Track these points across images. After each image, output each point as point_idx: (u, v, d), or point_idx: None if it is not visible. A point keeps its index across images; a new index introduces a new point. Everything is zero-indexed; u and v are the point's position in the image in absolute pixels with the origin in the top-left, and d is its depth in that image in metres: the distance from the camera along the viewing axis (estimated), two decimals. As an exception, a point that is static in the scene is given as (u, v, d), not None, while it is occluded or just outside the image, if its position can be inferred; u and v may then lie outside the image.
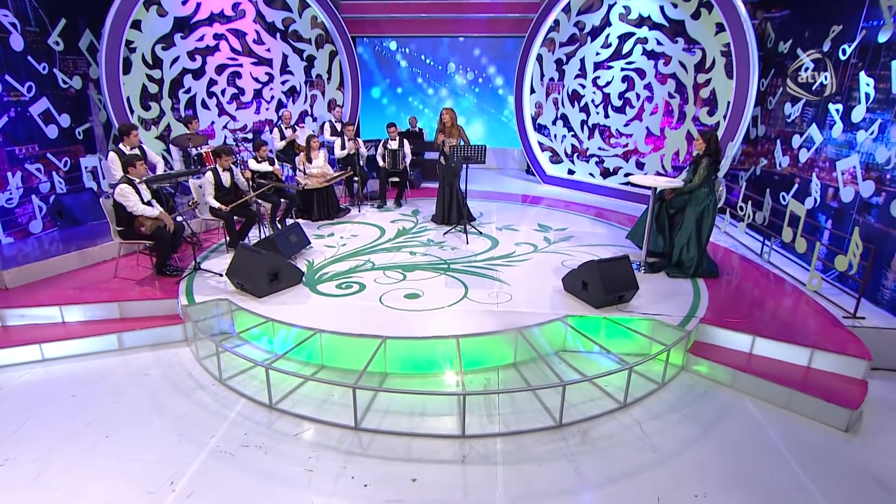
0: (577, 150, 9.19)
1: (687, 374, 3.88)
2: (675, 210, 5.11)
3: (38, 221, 6.04)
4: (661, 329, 3.99)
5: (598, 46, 8.44)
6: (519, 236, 6.22)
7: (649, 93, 8.03)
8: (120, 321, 4.36)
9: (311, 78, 9.59)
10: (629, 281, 4.23)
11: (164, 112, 7.68)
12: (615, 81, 8.35)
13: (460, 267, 5.20)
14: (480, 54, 10.87)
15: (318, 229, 6.64)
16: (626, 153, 8.54)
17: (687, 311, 4.23)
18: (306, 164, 7.12)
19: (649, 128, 8.14)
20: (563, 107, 9.16)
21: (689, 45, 7.47)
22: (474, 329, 3.93)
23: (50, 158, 6.51)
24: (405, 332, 3.89)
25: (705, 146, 4.85)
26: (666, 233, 5.17)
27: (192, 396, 3.59)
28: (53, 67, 6.49)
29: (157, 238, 4.73)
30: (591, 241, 6.04)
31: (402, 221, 6.95)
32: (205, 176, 5.52)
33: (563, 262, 5.26)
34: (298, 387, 3.66)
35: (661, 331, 3.98)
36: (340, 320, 4.09)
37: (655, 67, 7.88)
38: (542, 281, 4.81)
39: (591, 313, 4.14)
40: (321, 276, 5.01)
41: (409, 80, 11.34)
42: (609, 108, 8.52)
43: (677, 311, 4.20)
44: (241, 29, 8.31)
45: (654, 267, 5.10)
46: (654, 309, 4.25)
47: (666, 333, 3.94)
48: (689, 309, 4.26)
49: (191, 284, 4.74)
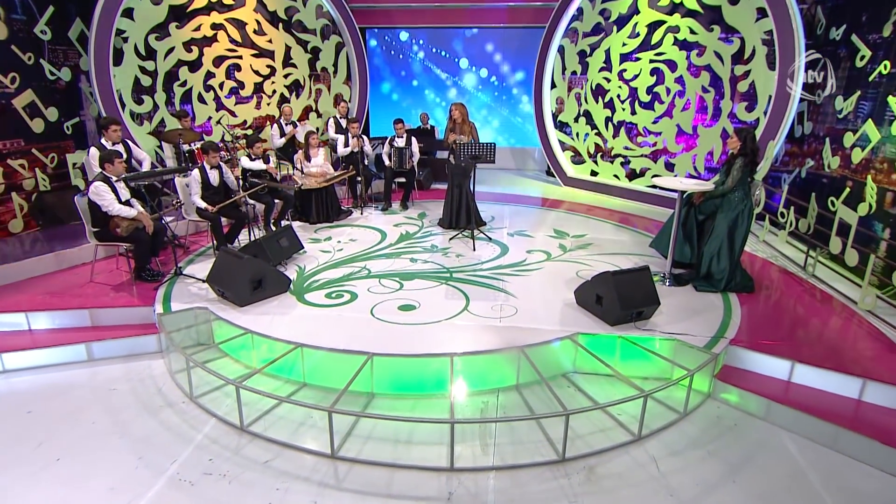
0: (600, 149, 8.94)
1: (713, 403, 3.61)
2: (704, 216, 4.85)
3: (18, 221, 6.04)
4: (684, 351, 3.73)
5: (625, 36, 8.19)
6: (532, 243, 6.01)
7: (681, 87, 7.74)
8: (91, 329, 4.28)
9: (315, 71, 9.54)
10: (649, 295, 3.98)
11: (157, 106, 7.68)
12: (643, 74, 8.09)
13: (463, 276, 5.01)
14: (495, 49, 10.70)
15: (315, 232, 6.53)
16: (654, 153, 8.25)
17: (715, 330, 3.96)
18: (305, 163, 7.03)
19: (680, 125, 7.85)
20: (586, 102, 8.93)
21: (726, 33, 7.17)
22: (472, 346, 3.73)
23: (35, 154, 6.54)
24: (395, 348, 3.71)
25: (740, 145, 4.59)
26: (694, 241, 4.91)
27: (159, 415, 3.47)
28: (40, 58, 6.52)
29: (135, 240, 4.65)
30: (611, 250, 5.79)
31: (407, 225, 6.79)
32: (192, 174, 5.44)
33: (577, 273, 5.03)
34: (274, 407, 3.51)
35: (684, 353, 3.72)
36: (326, 334, 3.94)
37: (688, 59, 7.59)
38: (553, 293, 4.58)
39: (606, 331, 3.90)
40: (311, 283, 4.87)
41: (421, 75, 11.24)
42: (636, 103, 8.25)
43: (704, 331, 3.93)
44: (240, 18, 8.29)
45: (681, 279, 4.83)
46: (677, 327, 3.99)
47: (690, 356, 3.68)
48: (718, 328, 3.99)
49: (170, 291, 4.65)
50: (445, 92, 11.22)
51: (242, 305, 4.33)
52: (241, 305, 4.33)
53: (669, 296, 4.55)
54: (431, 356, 3.62)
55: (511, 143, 11.30)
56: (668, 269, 4.87)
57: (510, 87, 10.95)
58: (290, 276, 5.04)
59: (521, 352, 3.66)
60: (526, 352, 3.65)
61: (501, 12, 10.06)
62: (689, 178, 5.83)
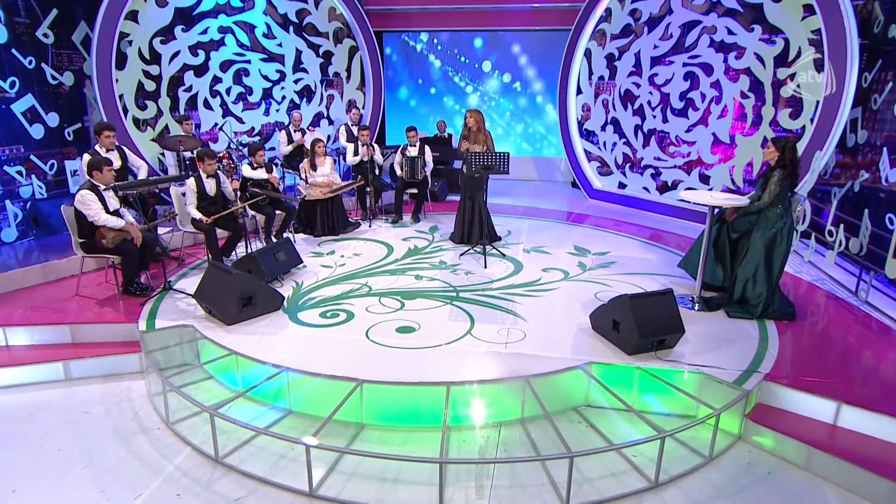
0: (629, 159, 8.73)
1: (744, 446, 3.35)
2: (738, 234, 4.60)
3: (11, 230, 6.13)
4: (711, 386, 3.48)
5: (657, 38, 8.02)
6: (549, 260, 5.83)
7: (717, 92, 7.51)
8: (71, 347, 4.25)
9: (327, 76, 9.59)
10: (672, 321, 3.76)
11: (161, 112, 7.78)
12: (676, 79, 7.89)
13: (470, 295, 4.85)
14: (519, 52, 10.61)
15: (318, 246, 6.47)
16: (687, 164, 8.00)
17: (749, 363, 3.70)
18: (310, 172, 7.00)
19: (716, 134, 7.60)
20: (614, 109, 8.75)
21: (768, 33, 6.92)
22: (472, 374, 3.56)
23: (34, 161, 6.66)
24: (387, 374, 3.56)
25: (778, 155, 4.35)
26: (727, 262, 4.67)
27: (131, 442, 3.38)
28: (42, 62, 6.67)
29: (122, 253, 4.63)
30: (636, 269, 5.56)
31: (416, 239, 6.68)
32: (187, 182, 5.44)
33: (596, 294, 4.82)
34: (253, 437, 3.39)
35: (711, 388, 3.48)
36: (315, 357, 3.82)
37: (725, 61, 7.37)
38: (567, 317, 4.38)
39: (622, 361, 3.69)
40: (306, 301, 4.78)
41: (440, 80, 11.22)
42: (668, 110, 8.04)
43: (736, 363, 3.68)
44: (250, 21, 8.39)
45: (711, 304, 4.59)
46: (704, 358, 3.74)
47: (718, 392, 3.44)
48: (752, 360, 3.73)
49: (157, 307, 4.61)
50: (465, 98, 11.17)
51: (230, 324, 4.26)
52: (229, 324, 4.26)
53: (698, 322, 4.31)
54: (425, 385, 3.46)
55: (535, 153, 11.16)
56: (698, 292, 4.63)
57: (534, 93, 10.83)
58: (286, 292, 4.97)
59: (526, 382, 3.47)
60: (531, 382, 3.46)
61: (525, 14, 9.99)
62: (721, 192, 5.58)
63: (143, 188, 5.09)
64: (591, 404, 3.66)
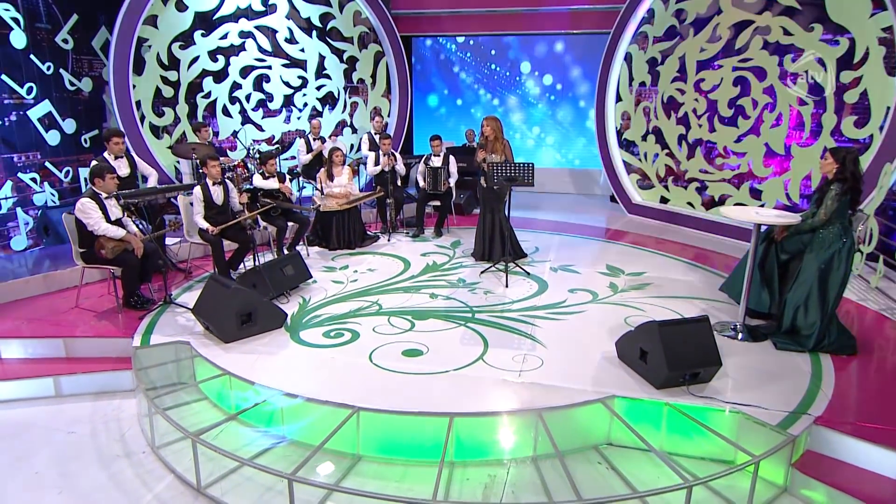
0: (672, 172, 8.44)
1: (790, 500, 3.07)
2: (788, 255, 4.32)
3: (22, 238, 6.31)
4: (752, 428, 3.22)
5: (704, 40, 7.76)
6: (577, 280, 5.62)
7: (771, 98, 7.18)
8: (64, 361, 4.29)
9: (351, 83, 9.65)
10: (707, 352, 3.51)
11: (179, 118, 7.95)
12: (725, 84, 7.60)
13: (487, 317, 4.69)
14: (564, 51, 10.50)
15: (332, 260, 6.43)
16: (737, 177, 7.67)
17: (798, 403, 3.42)
18: (326, 182, 7.00)
19: (770, 144, 7.25)
20: (656, 118, 8.50)
21: (830, 32, 6.59)
22: (480, 404, 3.39)
23: (49, 167, 6.88)
24: (387, 401, 3.43)
25: (837, 167, 4.07)
26: (775, 286, 4.38)
27: (112, 467, 3.34)
28: (61, 68, 6.91)
29: (122, 263, 4.67)
30: (674, 292, 5.30)
31: (436, 255, 6.57)
32: (194, 191, 5.49)
33: (626, 319, 4.59)
34: (239, 466, 3.29)
35: (752, 431, 3.22)
36: (313, 379, 3.74)
37: (780, 65, 7.05)
38: (592, 343, 4.18)
39: (650, 395, 3.46)
40: (311, 319, 4.71)
41: (471, 87, 11.19)
42: (716, 118, 7.74)
43: (782, 403, 3.41)
44: (271, 26, 8.53)
45: (757, 333, 4.31)
46: (745, 396, 3.48)
47: (760, 435, 3.17)
48: (802, 400, 3.44)
49: (156, 321, 4.62)
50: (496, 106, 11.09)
51: (227, 341, 4.22)
52: (226, 341, 4.22)
53: (740, 354, 4.04)
54: (427, 415, 3.31)
55: (571, 164, 10.96)
56: (741, 319, 4.36)
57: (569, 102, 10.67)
58: (292, 308, 4.92)
59: (538, 415, 3.28)
60: (543, 416, 3.27)
61: (562, 17, 9.87)
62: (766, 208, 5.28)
63: (147, 197, 5.16)
64: (614, 443, 3.43)
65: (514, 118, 11.14)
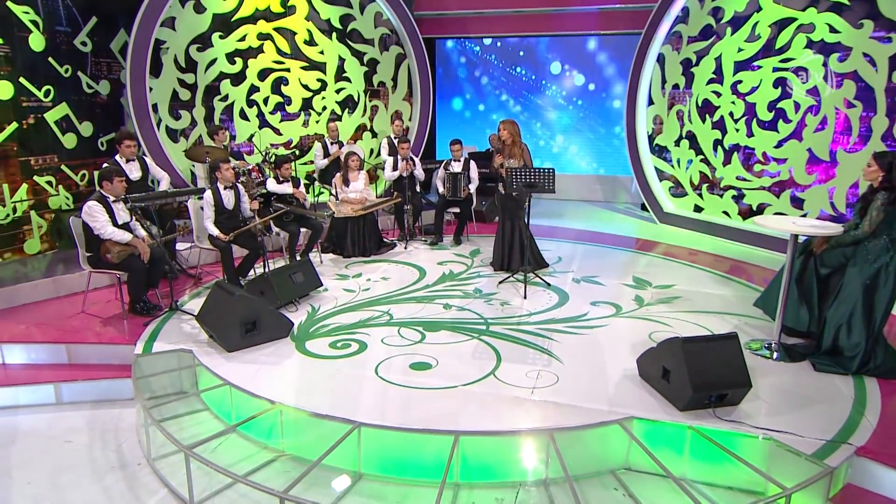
0: (707, 179, 8.24)
1: (826, 537, 2.89)
2: (829, 269, 4.13)
3: (35, 241, 6.44)
4: (784, 457, 3.05)
5: (742, 40, 7.58)
6: (600, 292, 5.49)
7: (815, 100, 6.96)
8: (66, 368, 4.33)
9: (372, 86, 9.69)
10: (736, 372, 3.35)
11: (195, 122, 8.07)
12: (764, 86, 7.40)
13: (502, 330, 4.59)
14: (595, 52, 10.39)
15: (345, 268, 6.42)
16: (777, 185, 7.44)
17: (837, 430, 3.23)
18: (342, 188, 7.00)
19: (813, 150, 7.02)
20: (690, 122, 8.32)
21: (883, 29, 6.36)
22: (488, 422, 3.30)
23: (65, 171, 7.02)
24: (390, 417, 3.37)
25: (883, 175, 3.88)
26: (814, 302, 4.19)
27: (105, 479, 3.34)
28: (79, 70, 7.07)
29: (128, 268, 4.71)
30: (705, 307, 5.13)
31: (453, 264, 6.50)
32: (204, 195, 5.53)
33: (650, 335, 4.44)
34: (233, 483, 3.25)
35: (784, 460, 3.05)
36: (315, 392, 3.70)
37: (825, 65, 6.83)
38: (612, 360, 4.05)
39: (672, 417, 3.31)
40: (318, 328, 4.68)
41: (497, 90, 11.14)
42: (754, 122, 7.54)
43: (819, 430, 3.23)
44: (290, 28, 8.62)
45: (794, 352, 4.12)
46: (778, 421, 3.30)
47: (793, 465, 3.00)
48: (842, 428, 3.26)
49: (160, 328, 4.65)
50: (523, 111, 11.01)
51: (230, 350, 4.21)
52: (229, 350, 4.21)
53: (775, 375, 3.87)
54: (431, 432, 3.23)
55: (599, 171, 10.80)
56: (777, 336, 4.17)
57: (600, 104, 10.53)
58: (300, 317, 4.90)
59: (550, 436, 3.16)
60: (555, 437, 3.15)
61: (591, 17, 9.76)
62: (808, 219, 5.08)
63: (156, 201, 5.22)
64: (632, 468, 3.29)
65: (541, 122, 11.04)
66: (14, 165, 6.41)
